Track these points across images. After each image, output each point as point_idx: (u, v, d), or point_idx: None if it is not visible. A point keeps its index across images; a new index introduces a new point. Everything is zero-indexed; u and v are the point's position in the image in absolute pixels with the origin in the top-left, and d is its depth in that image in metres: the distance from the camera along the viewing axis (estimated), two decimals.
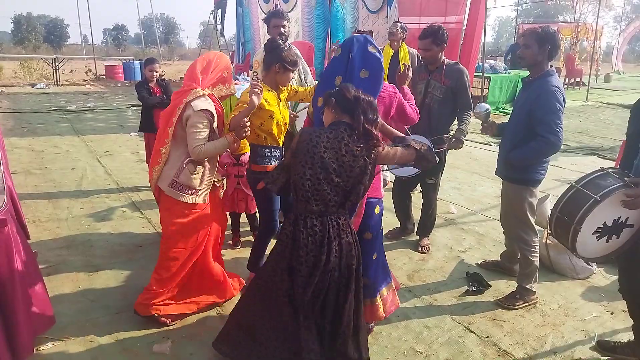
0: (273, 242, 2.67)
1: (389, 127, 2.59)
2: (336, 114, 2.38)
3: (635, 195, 2.37)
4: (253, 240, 3.78)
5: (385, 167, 4.55)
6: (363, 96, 2.37)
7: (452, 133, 3.91)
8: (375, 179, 2.56)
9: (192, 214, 2.93)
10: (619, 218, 2.54)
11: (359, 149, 2.29)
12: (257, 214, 3.81)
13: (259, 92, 2.82)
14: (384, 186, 5.80)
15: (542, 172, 3.17)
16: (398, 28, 5.33)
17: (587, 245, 2.61)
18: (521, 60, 3.15)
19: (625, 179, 2.49)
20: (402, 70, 3.25)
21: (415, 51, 5.30)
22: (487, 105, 3.53)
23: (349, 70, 2.65)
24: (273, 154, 3.18)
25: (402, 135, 2.51)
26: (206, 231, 3.02)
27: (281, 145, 3.24)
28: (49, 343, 2.77)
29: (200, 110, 2.76)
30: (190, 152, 2.80)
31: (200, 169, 2.90)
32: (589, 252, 2.67)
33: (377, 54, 2.72)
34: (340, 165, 2.28)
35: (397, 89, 2.88)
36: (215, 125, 2.89)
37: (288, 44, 3.93)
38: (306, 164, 2.29)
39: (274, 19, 4.05)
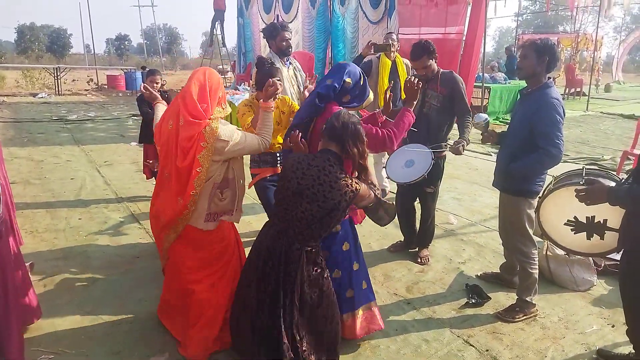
0: None
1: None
2: (324, 142, 2.39)
3: (581, 191, 2.52)
4: None
5: (385, 174, 4.56)
6: (351, 125, 2.35)
7: (450, 141, 3.91)
8: None
9: (223, 234, 2.90)
10: (593, 217, 2.73)
11: (339, 182, 2.29)
12: None
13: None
14: (384, 196, 5.82)
15: (540, 183, 3.15)
16: (394, 38, 5.42)
17: (562, 235, 2.94)
18: (519, 71, 3.14)
19: (591, 177, 2.78)
20: (411, 83, 3.05)
21: (409, 62, 5.33)
22: (485, 115, 3.53)
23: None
24: (262, 159, 3.59)
25: (372, 178, 2.52)
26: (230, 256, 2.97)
27: (274, 152, 3.57)
28: (43, 356, 2.75)
29: (227, 129, 2.64)
30: (264, 150, 2.84)
31: (227, 192, 2.76)
32: (568, 243, 2.96)
33: (331, 86, 2.73)
34: (314, 194, 2.29)
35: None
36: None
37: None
38: (283, 185, 2.40)
39: (284, 32, 4.14)
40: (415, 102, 3.08)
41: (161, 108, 3.20)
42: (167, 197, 2.72)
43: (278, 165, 3.61)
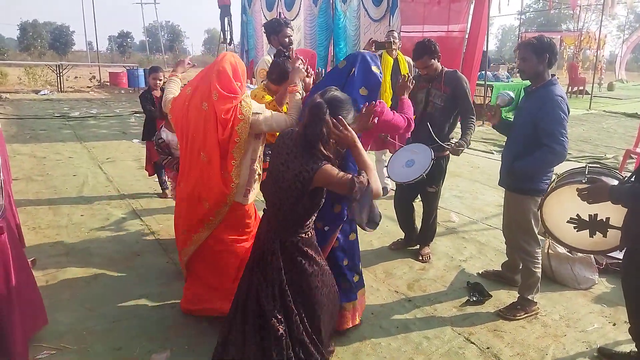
0: None
1: (362, 151, 2.28)
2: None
3: (583, 190, 2.52)
4: None
5: (386, 173, 4.55)
6: (317, 104, 2.17)
7: (453, 141, 3.89)
8: None
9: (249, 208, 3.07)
10: (596, 215, 2.70)
11: (295, 161, 2.15)
12: None
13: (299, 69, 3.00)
14: (385, 194, 5.82)
15: (546, 181, 3.14)
16: (396, 36, 5.44)
17: (564, 232, 2.91)
18: (522, 73, 3.12)
19: (594, 175, 2.75)
20: (405, 80, 3.33)
21: (411, 60, 5.34)
22: (511, 94, 3.49)
23: (348, 85, 2.69)
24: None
25: (365, 169, 2.19)
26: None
27: None
28: (45, 352, 2.75)
29: (261, 107, 2.80)
30: (291, 126, 2.75)
31: (257, 165, 2.97)
32: (571, 241, 2.92)
33: (379, 74, 2.77)
34: (278, 173, 2.22)
35: (384, 104, 2.90)
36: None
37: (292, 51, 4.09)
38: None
39: (287, 28, 4.17)
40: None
41: (175, 81, 3.25)
42: (209, 178, 2.79)
43: None
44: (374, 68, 2.74)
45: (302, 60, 3.05)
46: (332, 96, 2.24)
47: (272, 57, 4.05)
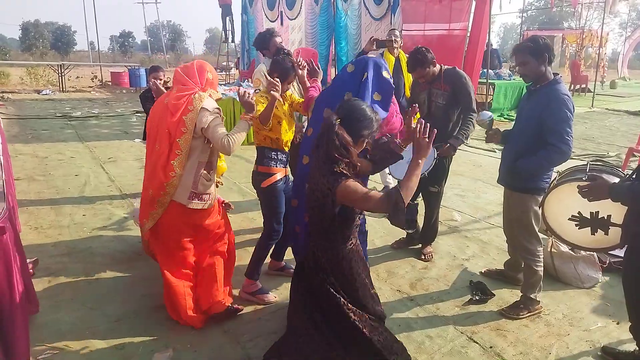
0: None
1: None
2: None
3: (583, 187, 2.51)
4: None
5: (388, 170, 4.53)
6: (328, 122, 2.18)
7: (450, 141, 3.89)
8: None
9: (209, 216, 3.12)
10: (597, 212, 2.69)
11: (322, 179, 2.16)
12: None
13: (277, 88, 3.03)
14: None
15: (547, 180, 3.13)
16: (397, 34, 5.43)
17: (566, 230, 2.95)
18: (524, 77, 3.09)
19: (595, 173, 2.76)
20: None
21: None
22: (489, 113, 3.51)
23: (362, 90, 2.74)
24: (279, 158, 3.34)
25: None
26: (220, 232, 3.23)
27: (287, 151, 3.38)
28: (47, 351, 2.75)
29: (215, 108, 2.90)
30: (222, 149, 2.84)
31: (212, 174, 3.02)
32: (572, 238, 2.98)
33: (391, 79, 2.85)
34: (310, 190, 2.24)
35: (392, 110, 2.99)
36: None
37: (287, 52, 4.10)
38: None
39: (274, 37, 4.29)
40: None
41: None
42: (156, 165, 2.91)
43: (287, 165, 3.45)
44: (385, 73, 2.82)
45: (263, 82, 3.07)
46: (348, 109, 2.26)
47: (267, 67, 4.05)
